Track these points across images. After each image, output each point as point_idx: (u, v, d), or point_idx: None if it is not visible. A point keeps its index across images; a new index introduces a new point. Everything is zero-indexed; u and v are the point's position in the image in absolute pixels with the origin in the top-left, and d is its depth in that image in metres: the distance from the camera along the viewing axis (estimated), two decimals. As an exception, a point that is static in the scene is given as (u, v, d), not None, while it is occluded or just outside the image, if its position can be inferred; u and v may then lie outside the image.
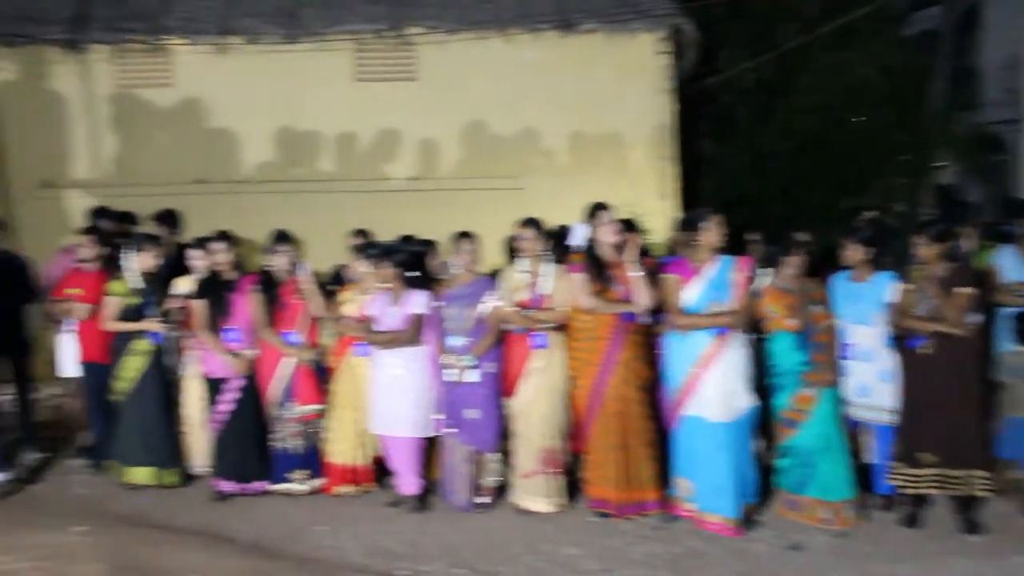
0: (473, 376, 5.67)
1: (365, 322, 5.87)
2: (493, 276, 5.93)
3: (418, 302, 5.72)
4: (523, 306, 5.67)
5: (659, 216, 8.53)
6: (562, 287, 5.67)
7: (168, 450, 6.24)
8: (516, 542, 5.33)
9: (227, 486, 6.04)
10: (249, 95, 9.12)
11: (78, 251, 6.66)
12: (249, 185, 9.01)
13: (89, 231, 6.70)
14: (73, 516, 5.68)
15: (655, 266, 5.71)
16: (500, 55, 9.23)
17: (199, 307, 6.03)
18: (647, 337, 5.62)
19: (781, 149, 11.75)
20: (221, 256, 6.07)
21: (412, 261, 5.81)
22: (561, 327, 5.69)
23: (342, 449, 6.03)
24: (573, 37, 9.28)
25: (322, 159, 9.28)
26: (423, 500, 5.86)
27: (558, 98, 9.20)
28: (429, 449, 5.93)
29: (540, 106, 9.20)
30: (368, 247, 6.16)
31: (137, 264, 6.23)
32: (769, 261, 5.62)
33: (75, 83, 9.27)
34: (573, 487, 5.87)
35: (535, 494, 5.71)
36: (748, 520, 5.42)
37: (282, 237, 6.10)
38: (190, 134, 9.24)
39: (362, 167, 9.23)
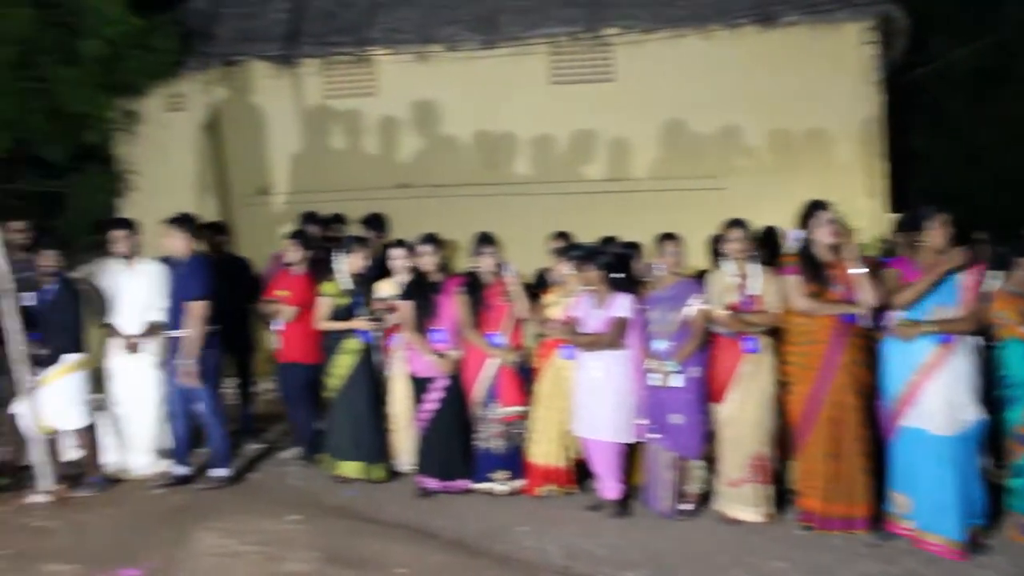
0: (677, 381, 5.55)
1: (569, 324, 5.86)
2: (697, 278, 5.79)
3: (622, 305, 5.65)
4: (733, 309, 5.51)
5: (867, 215, 8.11)
6: (772, 289, 5.47)
7: (376, 446, 6.44)
8: (721, 552, 5.16)
9: (431, 483, 6.17)
10: (449, 101, 9.37)
11: (285, 254, 6.98)
12: (450, 189, 9.22)
13: (295, 235, 7.01)
14: (288, 505, 5.94)
15: (875, 264, 5.39)
16: (698, 53, 9.05)
17: (406, 308, 6.19)
18: (867, 340, 5.31)
19: (1001, 142, 10.93)
20: (428, 258, 6.21)
21: (617, 264, 5.76)
22: (772, 330, 5.49)
23: (544, 451, 6.04)
24: (774, 31, 8.98)
25: (520, 162, 9.38)
26: (624, 505, 5.79)
27: (759, 95, 8.91)
28: (632, 453, 5.85)
29: (740, 104, 8.94)
30: (570, 249, 6.15)
31: (347, 265, 6.48)
32: (999, 263, 5.21)
33: (287, 96, 9.80)
34: (781, 497, 5.65)
35: (742, 503, 5.52)
36: (975, 543, 5.01)
37: (487, 239, 6.18)
38: (393, 140, 9.57)
39: (559, 169, 9.27)
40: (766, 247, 5.91)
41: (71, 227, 9.09)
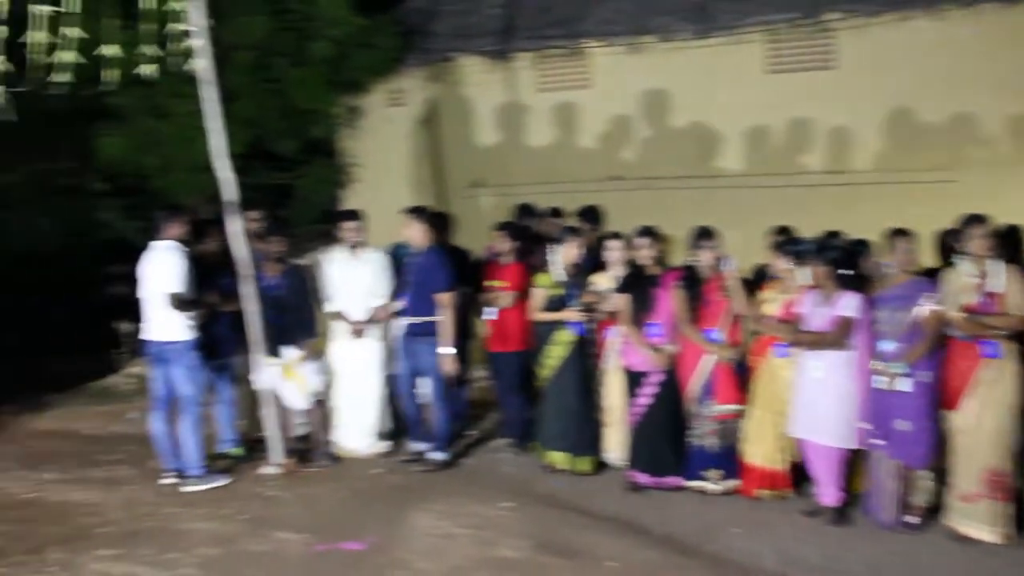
0: (905, 385, 5.26)
1: (790, 322, 5.67)
2: (929, 277, 5.45)
3: (849, 304, 5.39)
4: (970, 310, 5.14)
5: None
6: (1016, 290, 5.07)
7: (583, 438, 6.47)
8: (949, 571, 4.87)
9: (642, 478, 6.13)
10: (662, 92, 9.25)
11: (496, 246, 7.13)
12: (663, 181, 9.11)
13: (504, 227, 7.14)
14: (500, 491, 6.09)
15: None
16: (928, 35, 8.46)
17: (623, 301, 6.17)
18: None
19: None
20: (645, 251, 6.16)
21: (845, 260, 5.51)
22: (1017, 335, 5.09)
23: (760, 452, 5.87)
24: (1017, 6, 8.26)
25: (735, 154, 9.13)
26: (843, 512, 5.54)
27: (997, 78, 8.22)
28: (853, 459, 5.59)
29: (976, 89, 8.28)
30: (790, 244, 5.94)
31: (561, 257, 6.53)
32: None
33: (501, 90, 9.99)
34: (1021, 518, 5.24)
35: (976, 520, 5.15)
36: None
37: (706, 233, 6.05)
38: (606, 133, 9.57)
39: (776, 161, 8.95)
40: (1007, 245, 5.49)
41: (298, 217, 9.70)
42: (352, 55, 9.65)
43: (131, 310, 6.72)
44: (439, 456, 6.69)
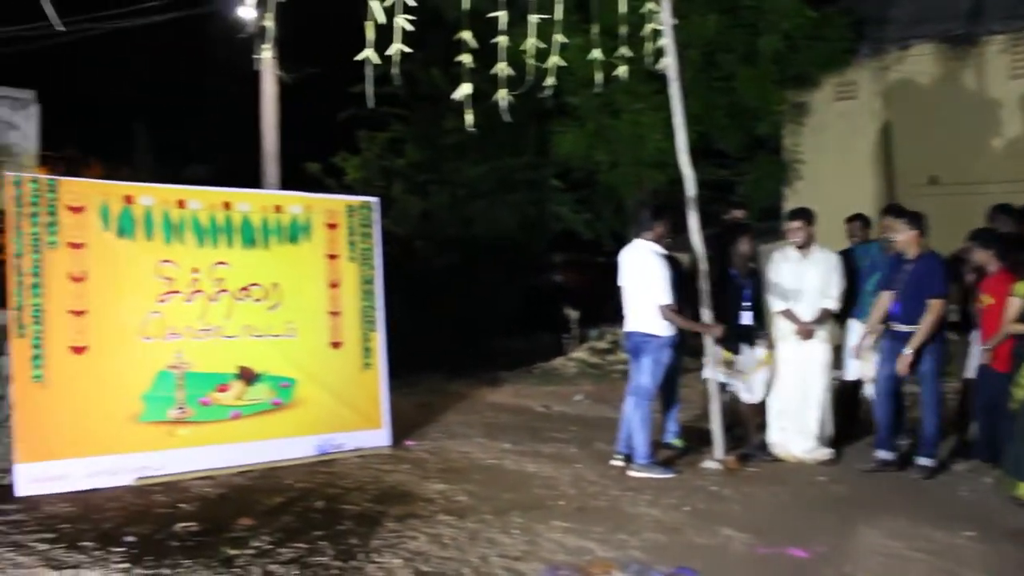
0: None
1: None
2: None
3: None
4: None
5: None
6: None
7: (1058, 471, 5.77)
8: None
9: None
10: None
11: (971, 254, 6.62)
12: None
13: (977, 236, 6.57)
14: (958, 518, 5.59)
15: None
16: None
17: None
18: None
19: None
20: None
21: None
22: None
23: None
24: None
25: None
26: None
27: None
28: None
29: None
30: None
31: (1043, 265, 5.90)
32: None
33: (964, 78, 9.21)
34: None
35: None
36: None
37: None
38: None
39: None
40: None
41: (741, 214, 9.72)
42: (801, 49, 9.45)
43: (574, 297, 7.12)
44: (928, 462, 6.43)
